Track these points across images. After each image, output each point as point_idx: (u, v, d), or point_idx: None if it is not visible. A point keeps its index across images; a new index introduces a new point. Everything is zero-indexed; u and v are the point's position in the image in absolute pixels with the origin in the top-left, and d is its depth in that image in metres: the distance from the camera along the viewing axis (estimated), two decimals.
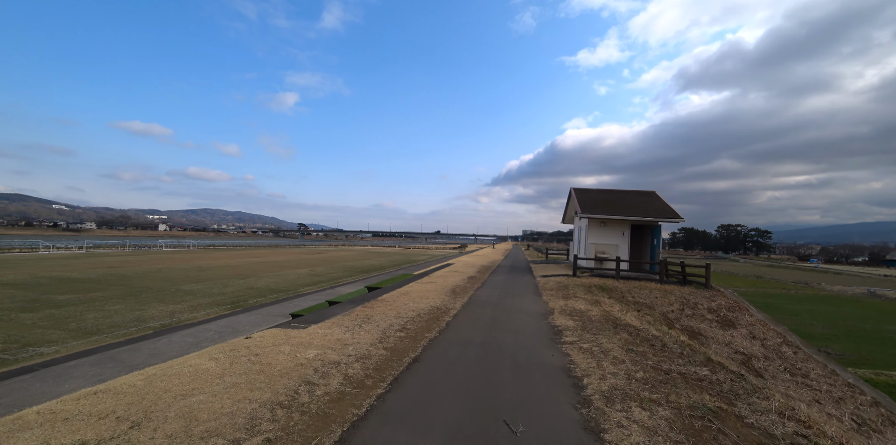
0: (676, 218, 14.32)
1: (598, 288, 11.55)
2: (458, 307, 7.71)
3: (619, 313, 7.99)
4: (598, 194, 17.32)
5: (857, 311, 25.77)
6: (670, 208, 15.19)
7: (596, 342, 5.30)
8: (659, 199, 16.50)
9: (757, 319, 10.78)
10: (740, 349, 9.35)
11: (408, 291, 9.83)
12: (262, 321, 12.39)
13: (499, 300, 8.80)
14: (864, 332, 19.68)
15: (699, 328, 10.05)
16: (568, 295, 9.60)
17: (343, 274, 25.67)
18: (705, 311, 10.97)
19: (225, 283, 20.97)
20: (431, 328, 5.94)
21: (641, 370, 4.25)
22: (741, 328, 10.25)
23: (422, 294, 9.17)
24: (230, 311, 14.21)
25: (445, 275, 14.44)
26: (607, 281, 12.66)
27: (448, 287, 10.63)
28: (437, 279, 13.11)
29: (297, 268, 29.93)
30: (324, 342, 4.88)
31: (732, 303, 11.51)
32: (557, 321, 6.64)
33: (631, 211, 14.92)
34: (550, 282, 12.42)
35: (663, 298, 11.44)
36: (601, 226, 15.32)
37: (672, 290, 12.13)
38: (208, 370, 3.69)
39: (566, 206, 19.57)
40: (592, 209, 15.03)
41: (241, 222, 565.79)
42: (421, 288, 10.38)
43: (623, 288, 11.92)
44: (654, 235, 14.93)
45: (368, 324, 5.98)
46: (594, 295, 10.18)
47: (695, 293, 12.10)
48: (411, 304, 7.82)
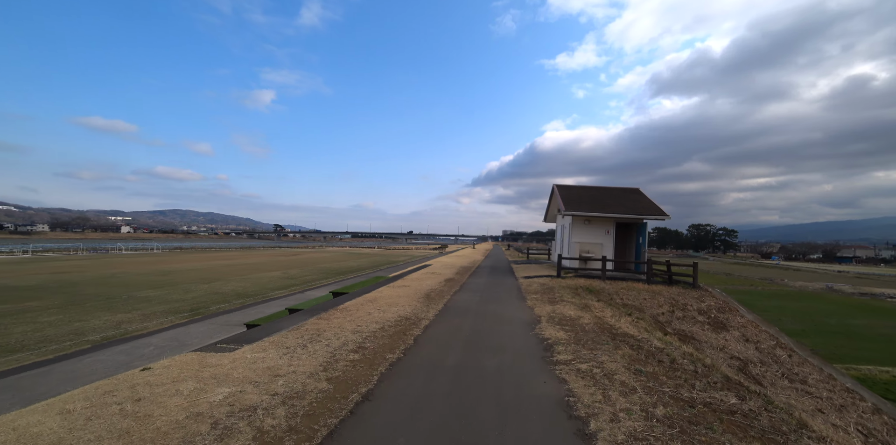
0: (662, 215, 13.77)
1: (584, 290, 10.73)
2: (431, 317, 6.61)
3: (612, 319, 7.11)
4: (582, 190, 16.65)
5: (821, 306, 26.49)
6: (656, 206, 14.66)
7: (595, 360, 4.33)
8: (644, 196, 15.97)
9: (748, 320, 10.24)
10: (735, 354, 8.71)
11: (376, 297, 8.65)
12: (215, 331, 10.91)
13: (478, 307, 7.76)
14: (830, 327, 20.02)
15: (692, 332, 9.37)
16: (554, 299, 8.68)
17: (318, 277, 24.17)
18: (696, 313, 10.34)
19: (187, 288, 19.11)
20: (395, 345, 4.82)
21: (660, 402, 3.29)
22: (733, 330, 9.65)
23: (391, 301, 8.01)
24: (187, 319, 12.67)
25: (421, 277, 13.31)
26: (593, 282, 11.88)
27: (422, 292, 9.52)
28: (411, 282, 11.96)
29: (270, 271, 28.11)
30: (248, 372, 3.67)
31: (722, 304, 10.96)
32: (546, 331, 5.65)
33: (616, 208, 14.29)
34: (534, 284, 11.52)
35: (652, 299, 10.75)
36: (585, 224, 14.61)
37: (660, 291, 11.48)
38: (42, 433, 2.44)
39: (548, 203, 18.84)
40: (576, 206, 14.29)
41: (213, 223, 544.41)
42: (391, 293, 9.21)
43: (610, 290, 11.16)
44: (639, 233, 14.35)
45: (317, 342, 4.79)
46: (582, 298, 9.32)
47: (683, 293, 11.50)
48: (376, 314, 6.65)
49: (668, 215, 13.74)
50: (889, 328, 20.24)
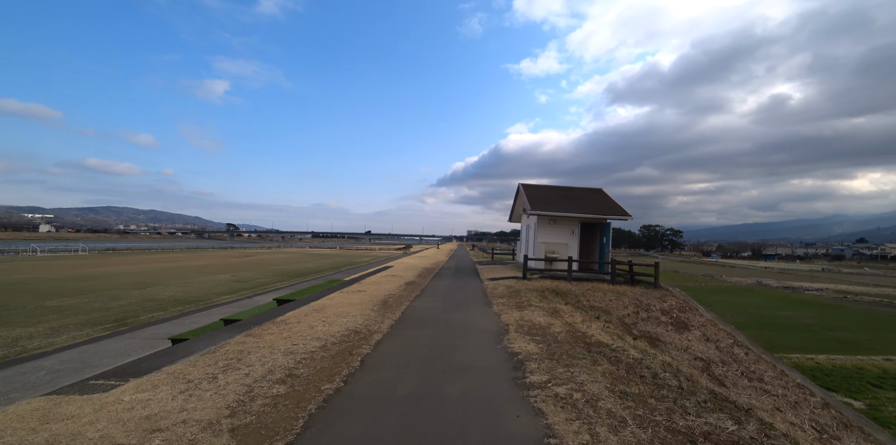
0: (625, 215, 13.82)
1: (551, 292, 10.32)
2: (385, 329, 5.72)
3: (583, 325, 6.64)
4: (548, 190, 16.46)
5: (754, 299, 28.67)
6: (619, 206, 14.73)
7: (574, 380, 3.70)
8: (607, 196, 16.07)
9: (707, 319, 10.36)
10: (699, 355, 8.66)
11: (324, 305, 7.59)
12: (134, 348, 9.25)
13: (440, 315, 6.98)
14: (763, 318, 21.54)
15: (657, 333, 9.24)
16: (522, 303, 8.11)
17: (272, 279, 22.29)
18: (659, 313, 10.30)
19: (115, 295, 16.64)
20: (336, 370, 3.90)
21: (656, 438, 2.69)
22: (694, 330, 9.67)
23: (341, 310, 7.01)
24: (108, 332, 10.81)
25: (380, 281, 12.32)
26: (560, 284, 11.56)
27: (379, 298, 8.57)
28: (368, 286, 10.94)
29: (218, 273, 25.64)
30: (112, 428, 2.60)
31: (683, 303, 11.05)
32: (516, 344, 4.98)
33: (581, 208, 14.17)
34: (500, 287, 10.97)
35: (617, 300, 10.59)
36: (551, 224, 14.35)
37: (624, 291, 11.38)
38: None
39: (514, 203, 18.54)
40: (542, 206, 14.00)
41: (156, 222, 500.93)
42: (344, 300, 8.18)
43: (577, 291, 10.87)
44: (603, 233, 14.34)
45: (233, 371, 3.76)
46: (550, 302, 8.85)
47: (646, 293, 11.48)
48: (321, 327, 5.65)
49: (630, 216, 13.82)
50: (809, 318, 22.15)
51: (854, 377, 12.73)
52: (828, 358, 14.53)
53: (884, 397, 11.35)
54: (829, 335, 18.02)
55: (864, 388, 11.85)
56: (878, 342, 17.04)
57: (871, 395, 11.35)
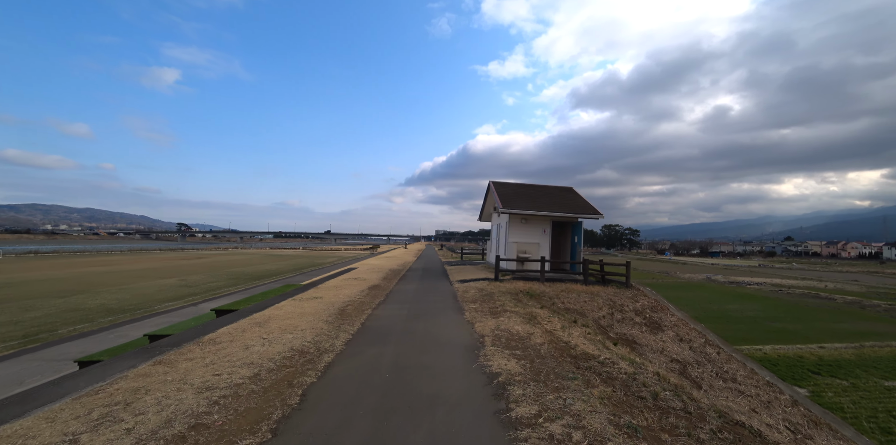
0: (596, 214, 13.62)
1: (525, 295, 9.76)
2: (339, 346, 4.77)
3: (564, 333, 6.04)
4: (519, 187, 16.02)
5: (705, 294, 30.28)
6: (590, 205, 14.55)
7: (570, 412, 3.00)
8: (578, 195, 15.88)
9: (678, 318, 10.25)
10: (674, 356, 8.42)
11: (270, 316, 6.47)
12: (29, 374, 7.60)
13: (406, 325, 6.11)
14: (714, 312, 22.62)
15: (633, 335, 8.93)
16: (496, 309, 7.42)
17: (226, 283, 20.25)
18: (632, 313, 10.05)
19: (29, 305, 14.18)
20: (264, 414, 2.93)
21: None
22: (668, 330, 9.48)
23: (289, 323, 5.94)
24: (13, 351, 8.99)
25: (340, 285, 11.20)
26: (533, 285, 11.05)
27: (337, 305, 7.55)
28: (326, 291, 9.83)
29: (163, 278, 23.03)
30: None
31: (654, 303, 10.92)
32: (495, 361, 4.24)
33: (552, 207, 13.81)
34: (471, 289, 10.25)
35: (591, 302, 10.23)
36: (522, 223, 13.88)
37: (598, 292, 11.08)
38: None
39: (484, 201, 17.98)
40: (514, 204, 13.49)
41: (93, 221, 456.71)
42: (294, 309, 7.07)
43: (551, 293, 10.39)
44: (574, 232, 14.08)
45: (108, 426, 2.68)
46: (525, 306, 8.25)
47: (619, 293, 11.26)
48: (258, 347, 4.60)
49: (601, 214, 13.65)
50: (753, 310, 23.59)
51: (796, 366, 13.53)
52: (773, 349, 15.37)
53: (822, 383, 12.10)
54: (770, 327, 19.20)
55: (806, 376, 12.61)
56: (811, 331, 18.38)
57: (812, 382, 12.08)
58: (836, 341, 16.92)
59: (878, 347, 15.82)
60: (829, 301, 27.84)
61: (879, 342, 16.45)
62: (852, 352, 15.34)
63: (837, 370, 13.40)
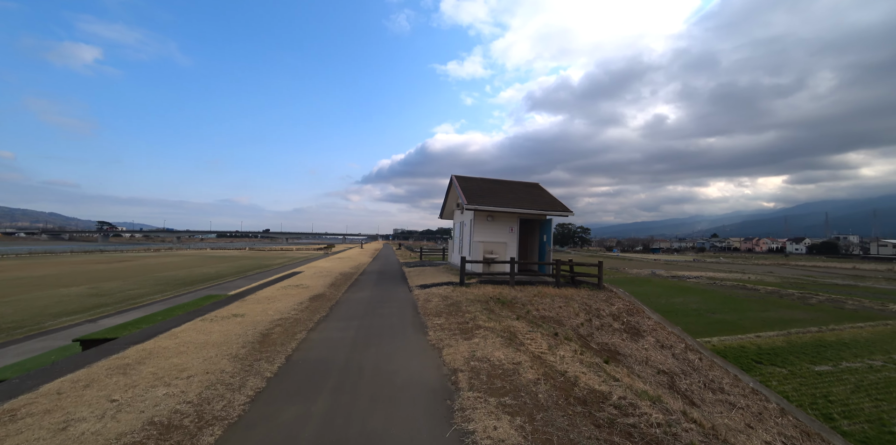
0: (566, 211, 12.79)
1: (496, 303, 8.50)
2: (238, 407, 3.09)
3: (555, 356, 4.81)
4: (484, 182, 14.83)
5: (651, 289, 31.63)
6: (559, 201, 13.71)
7: None
8: (545, 191, 15.03)
9: (655, 322, 9.60)
10: (660, 367, 7.64)
11: (153, 350, 4.53)
12: None
13: (350, 355, 4.51)
14: (663, 306, 23.36)
15: (614, 344, 8.03)
16: (466, 325, 6.03)
17: (151, 290, 16.93)
18: (610, 318, 9.22)
19: None
20: None
21: None
22: (648, 336, 8.74)
23: (173, 364, 4.07)
24: None
25: (275, 295, 9.21)
26: (503, 290, 9.85)
27: (261, 327, 5.73)
28: (253, 305, 7.84)
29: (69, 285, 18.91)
30: None
31: (629, 305, 10.22)
32: (478, 421, 2.83)
33: (519, 203, 12.76)
34: (434, 297, 8.80)
35: (567, 307, 9.25)
36: (489, 221, 12.69)
37: (571, 295, 10.16)
38: None
39: (445, 198, 16.62)
40: (479, 200, 12.25)
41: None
42: (194, 337, 5.15)
43: (523, 299, 9.25)
44: (543, 230, 13.16)
45: None
46: (499, 317, 6.96)
47: (592, 296, 10.43)
48: (87, 424, 2.79)
49: (571, 212, 12.84)
50: (695, 303, 24.77)
51: (742, 356, 13.98)
52: (720, 340, 15.85)
53: (766, 372, 12.50)
54: (712, 318, 20.08)
55: (752, 365, 13.01)
56: (746, 321, 19.50)
57: (757, 372, 12.43)
58: (768, 329, 18.00)
59: (801, 333, 17.01)
60: (754, 292, 30.23)
61: (801, 328, 17.79)
62: (783, 340, 16.32)
63: (775, 357, 14.01)
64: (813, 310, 22.90)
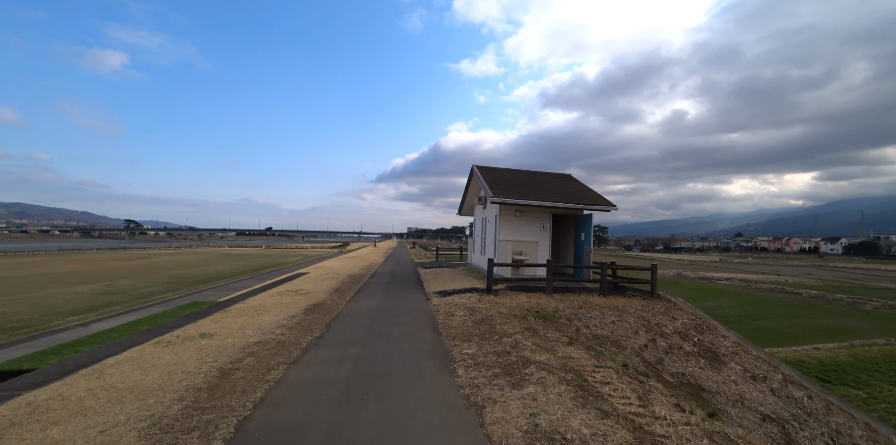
0: (608, 206, 10.89)
1: (537, 318, 6.76)
2: None
3: (659, 425, 3.08)
4: (509, 173, 13.04)
5: (681, 291, 29.05)
6: (597, 194, 11.82)
7: None
8: (580, 183, 13.13)
9: (734, 342, 7.66)
10: (761, 410, 5.71)
11: (44, 404, 3.01)
12: None
13: (338, 420, 2.88)
14: None
15: (693, 375, 6.15)
16: (509, 358, 4.32)
17: (162, 288, 15.85)
18: (677, 338, 7.34)
19: None
20: None
21: None
22: (730, 362, 6.83)
23: (82, 425, 2.54)
24: None
25: (266, 304, 7.69)
26: (539, 300, 8.09)
27: (228, 356, 4.17)
28: (235, 318, 6.32)
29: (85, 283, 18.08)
30: None
31: (696, 320, 8.29)
32: None
33: (552, 196, 10.94)
34: (457, 310, 7.11)
35: (621, 322, 7.41)
36: (517, 216, 10.92)
37: (622, 306, 8.31)
38: None
39: (465, 192, 14.90)
40: (505, 192, 10.49)
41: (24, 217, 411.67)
42: (125, 377, 3.61)
43: (567, 312, 7.47)
44: (580, 228, 11.30)
45: None
46: (548, 343, 5.22)
47: (647, 307, 8.55)
48: None
49: (614, 206, 10.93)
50: (731, 307, 22.35)
51: (804, 373, 11.90)
52: (772, 353, 13.71)
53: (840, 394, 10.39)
54: (755, 325, 17.79)
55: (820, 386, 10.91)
56: (795, 329, 17.11)
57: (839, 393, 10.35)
58: (825, 340, 15.64)
59: (866, 346, 14.65)
60: (796, 296, 27.48)
61: (865, 340, 15.33)
62: (847, 353, 14.01)
63: (844, 376, 11.81)
64: (870, 318, 20.31)
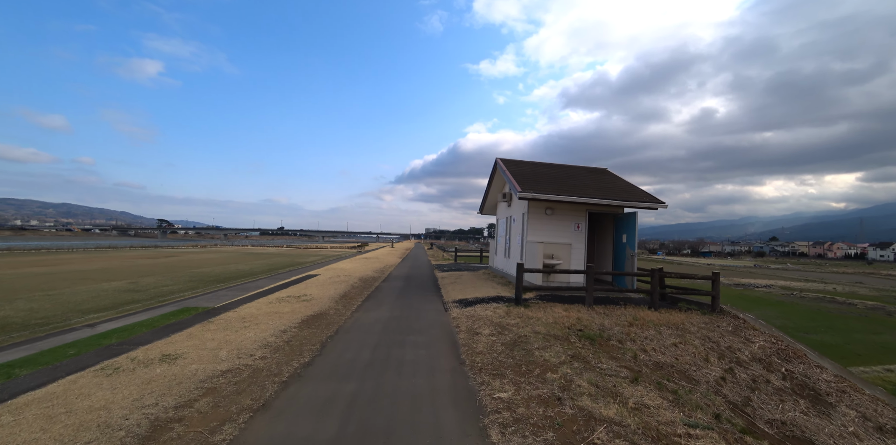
0: (654, 202, 9.38)
1: (583, 339, 5.42)
2: None
3: None
4: (537, 167, 11.67)
5: None
6: (641, 190, 10.30)
7: None
8: (618, 177, 11.62)
9: (834, 375, 6.06)
10: None
11: None
12: None
13: None
14: None
15: (797, 424, 4.64)
16: (561, 407, 3.06)
17: (183, 286, 15.61)
18: (759, 367, 5.82)
19: None
20: None
21: None
22: (839, 404, 5.26)
23: None
24: None
25: (260, 313, 6.67)
26: (580, 314, 6.72)
27: (178, 396, 3.10)
28: (213, 333, 5.30)
29: (112, 280, 18.19)
30: None
31: (777, 343, 6.71)
32: None
33: (587, 191, 9.53)
34: (483, 326, 5.87)
35: (684, 345, 5.96)
36: (547, 215, 9.57)
37: (681, 323, 6.83)
38: None
39: (487, 188, 13.61)
40: (535, 187, 9.17)
41: (70, 216, 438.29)
42: (20, 438, 2.61)
43: (616, 330, 6.09)
44: (622, 228, 9.83)
45: None
46: (606, 378, 3.92)
47: (710, 324, 7.03)
48: None
49: (663, 203, 9.41)
50: (777, 318, 19.93)
51: None
52: None
53: None
54: (806, 339, 15.53)
55: None
56: (856, 345, 14.80)
57: None
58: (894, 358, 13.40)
59: None
60: (850, 307, 24.60)
61: None
62: None
63: None
64: None
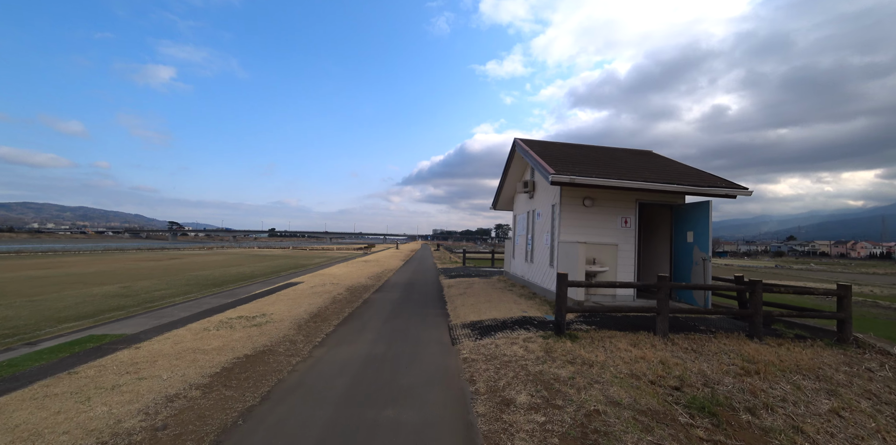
0: (734, 188, 6.98)
1: (695, 415, 3.12)
2: None
3: None
4: (570, 148, 9.33)
5: None
6: (710, 174, 7.91)
7: None
8: (671, 160, 9.21)
9: None
10: None
11: None
12: None
13: None
14: None
15: None
16: None
17: (178, 291, 13.93)
18: None
19: None
20: None
21: None
22: None
23: None
24: None
25: (188, 347, 4.52)
26: (657, 352, 4.39)
27: None
28: (116, 376, 3.17)
29: (104, 284, 16.66)
30: None
31: None
32: None
33: (644, 173, 7.18)
34: (514, 385, 3.59)
35: (851, 413, 3.58)
36: (585, 207, 7.25)
37: (813, 366, 4.44)
38: None
39: (502, 177, 11.28)
40: (573, 168, 6.87)
41: (87, 220, 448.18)
42: None
43: (729, 385, 3.74)
44: (684, 223, 7.43)
45: None
46: None
47: (856, 366, 4.64)
48: None
49: (746, 189, 7.01)
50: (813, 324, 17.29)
51: None
52: None
53: None
54: None
55: None
56: None
57: None
58: None
59: None
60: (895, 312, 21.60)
61: None
62: None
63: None
64: None
